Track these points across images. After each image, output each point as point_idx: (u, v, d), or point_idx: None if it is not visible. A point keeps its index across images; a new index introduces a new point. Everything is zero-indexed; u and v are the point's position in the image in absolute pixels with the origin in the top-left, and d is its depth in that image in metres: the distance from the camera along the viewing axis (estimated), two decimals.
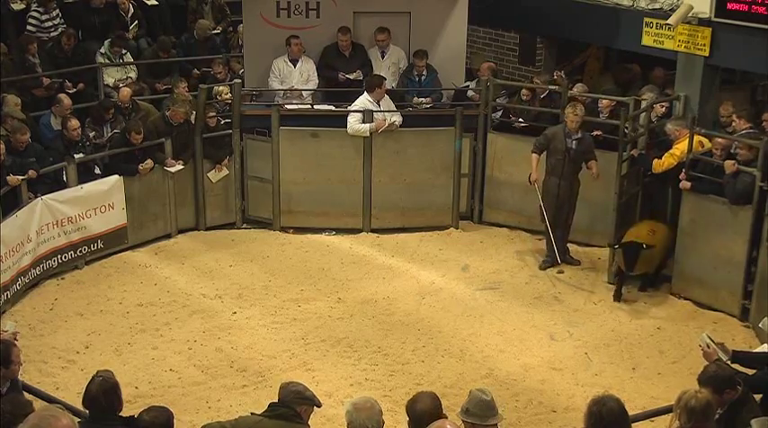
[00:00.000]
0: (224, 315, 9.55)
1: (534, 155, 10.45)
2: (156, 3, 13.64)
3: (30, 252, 9.75)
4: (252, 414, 5.63)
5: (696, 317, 9.66)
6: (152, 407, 5.41)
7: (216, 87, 11.79)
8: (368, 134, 11.25)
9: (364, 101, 11.33)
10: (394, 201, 11.62)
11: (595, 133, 10.79)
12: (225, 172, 11.57)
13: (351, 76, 11.88)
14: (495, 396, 5.20)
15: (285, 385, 5.52)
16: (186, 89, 11.81)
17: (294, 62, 11.82)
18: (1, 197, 9.52)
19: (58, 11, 12.65)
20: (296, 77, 11.84)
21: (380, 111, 11.27)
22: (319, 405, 5.54)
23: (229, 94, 11.59)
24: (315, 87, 11.90)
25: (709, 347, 6.35)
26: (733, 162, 9.35)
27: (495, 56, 13.78)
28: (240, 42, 13.31)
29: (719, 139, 9.69)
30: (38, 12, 12.49)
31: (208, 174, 11.48)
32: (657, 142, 10.58)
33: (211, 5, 14.00)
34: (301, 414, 5.46)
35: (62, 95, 11.11)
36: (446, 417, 4.97)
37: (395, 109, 11.48)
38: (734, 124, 9.96)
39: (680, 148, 9.87)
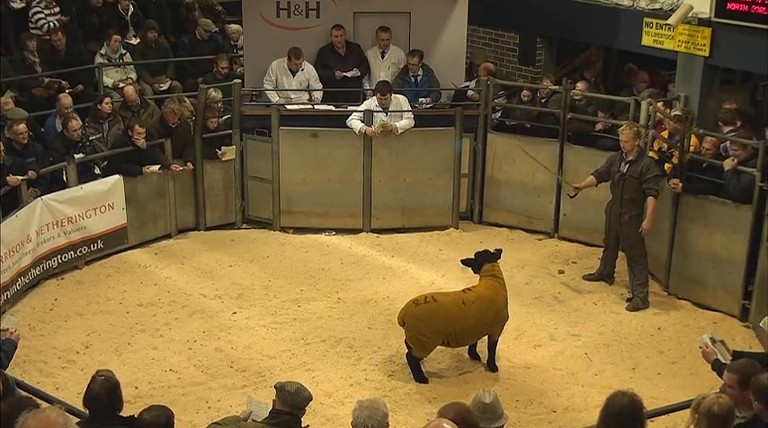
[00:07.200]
0: (224, 315, 9.56)
1: (590, 177, 10.05)
2: None
3: (30, 252, 9.75)
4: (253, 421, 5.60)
5: (696, 317, 9.66)
6: (153, 406, 5.41)
7: (210, 93, 11.69)
8: (356, 133, 11.28)
9: (371, 103, 11.37)
10: (394, 201, 11.62)
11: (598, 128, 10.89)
12: (231, 154, 11.47)
13: (348, 74, 11.89)
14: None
15: (291, 391, 5.43)
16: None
17: (293, 72, 11.79)
18: (1, 197, 9.52)
19: (58, 8, 12.63)
20: (293, 88, 11.82)
21: (380, 111, 11.28)
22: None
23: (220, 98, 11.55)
24: (318, 94, 11.88)
25: (708, 347, 6.34)
26: (733, 159, 9.37)
27: (495, 56, 13.78)
28: (232, 43, 13.30)
29: (710, 138, 9.69)
30: (39, 8, 12.43)
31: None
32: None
33: (201, 9, 13.92)
34: (301, 418, 5.46)
35: (62, 95, 11.10)
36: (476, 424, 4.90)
37: (405, 110, 11.41)
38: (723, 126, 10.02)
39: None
